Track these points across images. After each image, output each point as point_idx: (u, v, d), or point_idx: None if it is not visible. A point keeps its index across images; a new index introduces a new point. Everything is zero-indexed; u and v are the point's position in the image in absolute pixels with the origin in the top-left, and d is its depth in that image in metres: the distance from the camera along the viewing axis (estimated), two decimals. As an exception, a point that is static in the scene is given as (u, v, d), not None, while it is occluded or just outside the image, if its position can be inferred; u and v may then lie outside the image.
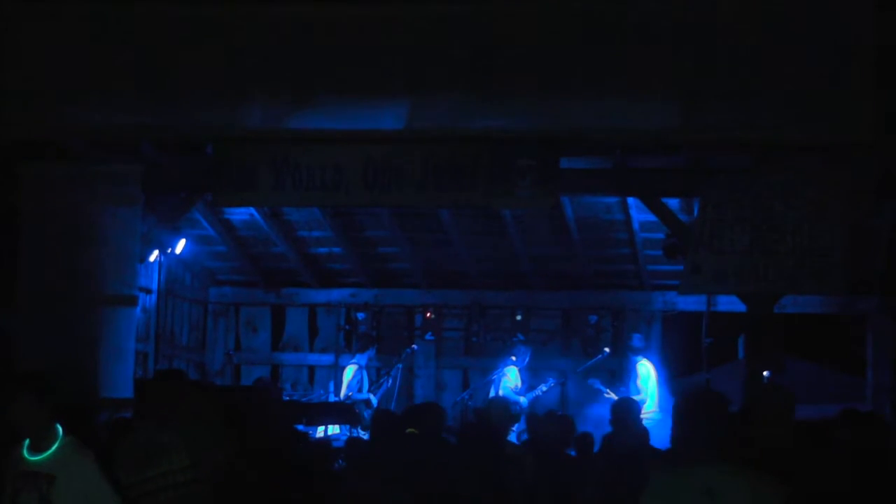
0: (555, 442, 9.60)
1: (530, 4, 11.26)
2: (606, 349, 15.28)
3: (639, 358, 14.42)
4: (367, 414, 14.55)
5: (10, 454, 6.67)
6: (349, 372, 15.04)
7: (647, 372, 14.25)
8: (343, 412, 13.74)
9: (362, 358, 15.16)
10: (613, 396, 13.64)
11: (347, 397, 14.79)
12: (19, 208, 11.88)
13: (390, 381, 15.33)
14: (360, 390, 14.88)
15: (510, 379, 14.70)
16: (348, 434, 13.03)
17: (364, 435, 12.80)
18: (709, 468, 5.17)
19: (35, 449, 6.62)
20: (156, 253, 13.62)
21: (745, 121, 10.92)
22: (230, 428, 7.06)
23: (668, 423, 6.35)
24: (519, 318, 16.11)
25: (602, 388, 14.19)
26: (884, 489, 6.87)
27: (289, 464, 7.67)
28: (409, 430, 8.64)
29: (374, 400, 14.86)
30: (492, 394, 14.57)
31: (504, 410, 9.12)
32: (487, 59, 11.14)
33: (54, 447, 6.61)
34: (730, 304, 13.98)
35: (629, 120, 11.10)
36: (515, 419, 9.17)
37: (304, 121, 11.46)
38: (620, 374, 15.03)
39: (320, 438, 12.83)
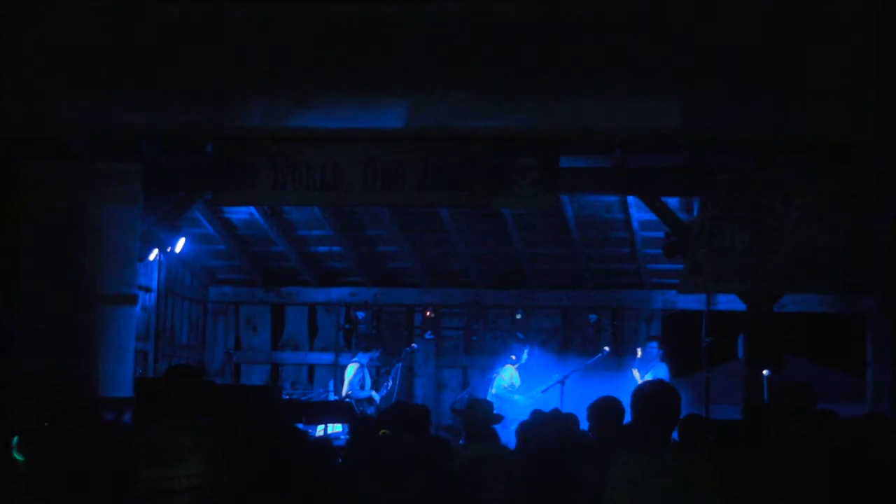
0: (553, 441, 9.59)
1: (530, 4, 11.26)
2: (606, 348, 15.27)
3: (658, 362, 14.48)
4: (370, 411, 14.56)
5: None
6: (350, 370, 15.04)
7: (664, 376, 14.31)
8: (343, 411, 13.74)
9: (364, 357, 15.17)
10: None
11: (348, 395, 14.79)
12: (19, 208, 11.88)
13: (390, 380, 15.34)
14: (361, 388, 14.88)
15: (504, 378, 14.71)
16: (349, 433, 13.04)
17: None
18: (665, 450, 5.86)
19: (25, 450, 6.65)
20: (155, 252, 13.62)
21: (745, 121, 10.94)
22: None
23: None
24: (519, 317, 16.12)
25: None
26: (852, 490, 6.96)
27: (288, 462, 7.69)
28: (382, 431, 8.67)
29: (377, 397, 14.86)
30: (489, 393, 14.59)
31: (486, 411, 9.11)
32: (487, 58, 11.14)
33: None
34: (729, 303, 13.99)
35: (629, 119, 11.11)
36: (497, 419, 9.17)
37: (303, 120, 11.47)
38: (619, 373, 15.02)
39: (320, 437, 12.83)
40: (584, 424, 9.26)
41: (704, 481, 5.76)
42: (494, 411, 9.38)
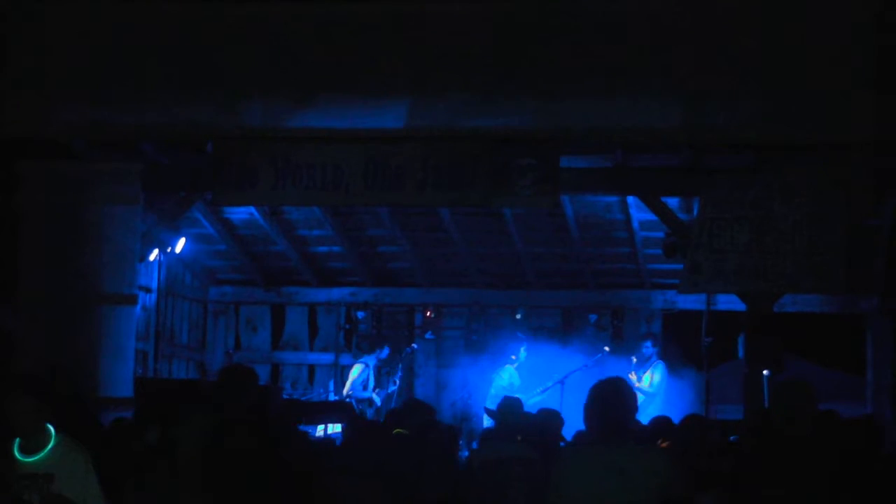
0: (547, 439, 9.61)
1: (530, 4, 11.26)
2: (606, 348, 15.30)
3: (655, 360, 14.50)
4: (370, 413, 14.56)
5: (1, 456, 6.70)
6: (356, 370, 15.08)
7: (662, 374, 14.34)
8: (343, 411, 13.75)
9: (370, 358, 15.18)
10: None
11: (349, 395, 14.81)
12: (19, 208, 11.88)
13: (397, 380, 15.35)
14: (364, 389, 14.89)
15: (503, 378, 14.73)
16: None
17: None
18: (618, 447, 5.75)
19: (27, 450, 6.64)
20: (156, 252, 13.62)
21: (745, 121, 10.93)
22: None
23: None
24: (519, 316, 16.12)
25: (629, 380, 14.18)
26: (851, 491, 6.97)
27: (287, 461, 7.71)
28: (396, 430, 8.70)
29: (377, 400, 14.85)
30: (489, 393, 14.62)
31: (516, 409, 9.09)
32: (487, 58, 11.14)
33: (49, 447, 6.64)
34: (729, 303, 13.99)
35: (629, 119, 11.10)
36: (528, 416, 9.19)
37: (304, 119, 11.46)
38: (619, 373, 15.01)
39: (320, 437, 12.85)
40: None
41: (658, 477, 5.70)
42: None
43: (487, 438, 9.63)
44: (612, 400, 5.88)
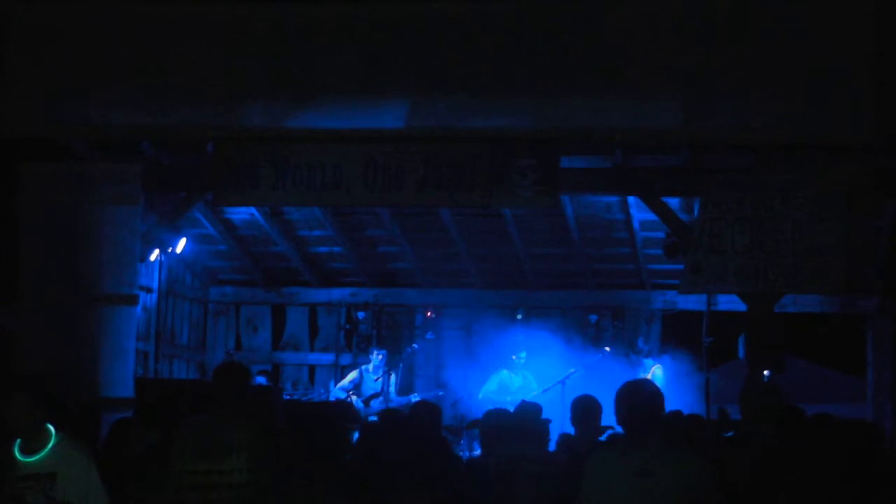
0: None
1: (530, 4, 11.26)
2: (607, 348, 15.29)
3: (651, 361, 14.50)
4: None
5: (2, 457, 6.69)
6: (350, 375, 15.09)
7: (661, 378, 14.34)
8: (343, 412, 13.73)
9: (365, 362, 15.17)
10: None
11: (349, 394, 14.82)
12: (19, 208, 11.88)
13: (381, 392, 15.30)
14: (355, 394, 14.85)
15: (493, 382, 14.72)
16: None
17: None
18: (644, 451, 5.70)
19: (28, 450, 6.64)
20: (156, 252, 13.62)
21: (745, 121, 10.94)
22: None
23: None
24: (519, 316, 16.12)
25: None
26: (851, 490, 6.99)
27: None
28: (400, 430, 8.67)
29: (359, 405, 14.70)
30: (479, 398, 14.62)
31: (534, 414, 9.05)
32: (487, 58, 11.14)
33: (49, 446, 6.64)
34: (730, 303, 14.00)
35: (629, 119, 11.10)
36: (543, 423, 9.10)
37: (304, 120, 11.46)
38: (619, 373, 15.01)
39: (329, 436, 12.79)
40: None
41: (689, 482, 5.64)
42: (480, 415, 9.38)
43: (495, 439, 9.59)
44: (638, 401, 5.82)
